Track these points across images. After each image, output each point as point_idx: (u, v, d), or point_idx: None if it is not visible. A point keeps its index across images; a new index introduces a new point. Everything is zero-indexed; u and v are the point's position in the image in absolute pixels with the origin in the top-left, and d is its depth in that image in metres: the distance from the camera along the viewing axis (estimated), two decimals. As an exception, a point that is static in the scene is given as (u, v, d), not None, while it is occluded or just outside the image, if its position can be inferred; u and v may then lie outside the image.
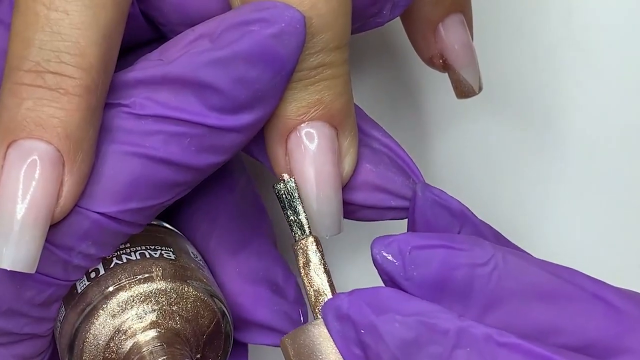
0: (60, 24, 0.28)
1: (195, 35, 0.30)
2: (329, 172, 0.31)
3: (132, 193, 0.29)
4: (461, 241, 0.28)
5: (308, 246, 0.30)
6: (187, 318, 0.32)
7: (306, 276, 0.30)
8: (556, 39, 0.45)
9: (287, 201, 0.31)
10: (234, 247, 0.35)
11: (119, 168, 0.29)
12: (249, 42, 0.29)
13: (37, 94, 0.28)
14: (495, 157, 0.46)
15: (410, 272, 0.27)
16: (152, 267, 0.32)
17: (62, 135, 0.28)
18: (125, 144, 0.29)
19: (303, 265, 0.30)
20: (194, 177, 0.30)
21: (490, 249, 0.28)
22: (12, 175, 0.28)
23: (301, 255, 0.30)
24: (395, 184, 0.33)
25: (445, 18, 0.37)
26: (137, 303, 0.31)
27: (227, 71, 0.29)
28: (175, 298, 0.32)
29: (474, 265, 0.27)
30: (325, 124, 0.31)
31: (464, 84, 0.37)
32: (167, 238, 0.34)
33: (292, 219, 0.31)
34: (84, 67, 0.28)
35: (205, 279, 0.33)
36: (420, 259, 0.27)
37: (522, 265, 0.28)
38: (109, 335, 0.31)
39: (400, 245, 0.28)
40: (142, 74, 0.29)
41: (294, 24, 0.29)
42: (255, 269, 0.35)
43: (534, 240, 0.43)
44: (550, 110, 0.46)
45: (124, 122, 0.29)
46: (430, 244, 0.28)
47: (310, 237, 0.30)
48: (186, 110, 0.29)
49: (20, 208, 0.28)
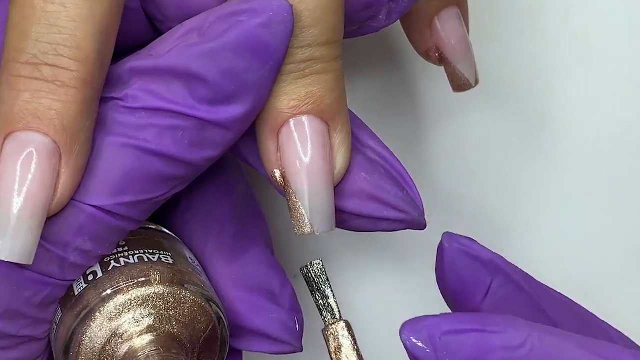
0: (57, 16, 0.28)
1: (185, 29, 0.30)
2: (320, 167, 0.31)
3: (126, 186, 0.30)
4: (494, 322, 0.27)
5: (339, 331, 0.30)
6: (183, 323, 0.32)
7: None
8: (554, 36, 0.45)
9: (316, 284, 0.31)
10: (231, 254, 0.35)
11: (112, 161, 0.30)
12: (236, 32, 0.29)
13: (34, 86, 0.28)
14: (492, 154, 0.46)
15: (443, 359, 0.27)
16: (150, 270, 0.32)
17: (58, 127, 0.28)
18: (119, 136, 0.30)
19: (335, 350, 0.30)
20: (187, 172, 0.31)
21: (526, 329, 0.27)
22: (9, 167, 0.28)
23: (332, 341, 0.30)
24: (389, 195, 0.32)
25: (441, 11, 0.37)
26: (134, 307, 0.31)
27: (216, 62, 0.29)
28: (172, 302, 0.32)
29: (509, 349, 0.26)
30: (317, 118, 0.31)
31: (460, 77, 0.37)
32: (165, 242, 0.34)
33: (321, 302, 0.31)
34: (81, 60, 0.28)
35: (202, 284, 0.33)
36: (453, 345, 0.27)
37: (560, 345, 0.27)
38: (105, 338, 0.31)
39: (430, 332, 0.27)
40: (133, 67, 0.30)
41: (282, 12, 0.29)
42: (251, 276, 0.35)
43: (530, 237, 0.43)
44: (547, 106, 0.46)
45: (117, 115, 0.30)
46: (462, 328, 0.27)
47: (341, 322, 0.30)
48: (178, 102, 0.29)
49: (17, 200, 0.28)
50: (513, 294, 0.31)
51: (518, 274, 0.32)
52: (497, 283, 0.31)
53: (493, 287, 0.31)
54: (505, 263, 0.32)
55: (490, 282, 0.31)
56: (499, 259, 0.32)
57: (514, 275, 0.32)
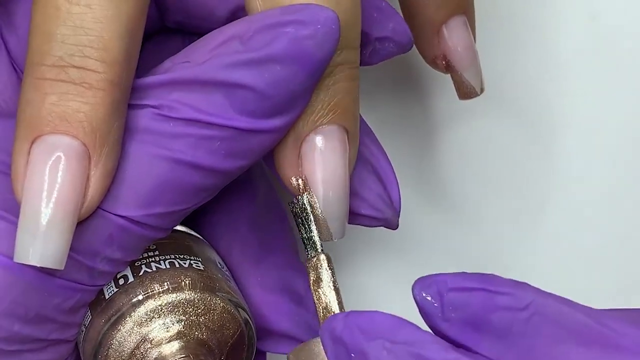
0: (83, 17, 0.28)
1: (225, 37, 0.29)
2: (340, 175, 0.31)
3: (157, 197, 0.29)
4: (501, 284, 0.27)
5: (320, 264, 0.31)
6: (212, 329, 0.32)
7: (316, 293, 0.31)
8: (560, 44, 0.45)
9: (301, 218, 0.31)
10: (256, 257, 0.35)
11: (145, 171, 0.29)
12: (284, 43, 0.28)
13: (61, 89, 0.28)
14: (498, 160, 0.46)
15: (448, 313, 0.27)
16: (182, 277, 0.32)
17: (87, 129, 0.28)
18: (153, 146, 0.29)
19: (314, 282, 0.31)
20: (220, 181, 0.30)
21: (532, 293, 0.27)
22: (38, 171, 0.28)
23: (312, 273, 0.31)
24: (370, 193, 0.33)
25: (448, 20, 0.36)
26: (164, 313, 0.31)
27: (262, 73, 0.29)
28: (202, 309, 0.32)
29: (514, 309, 0.27)
30: (340, 127, 0.31)
31: (466, 85, 0.37)
32: (194, 246, 0.34)
33: (305, 236, 0.31)
34: (108, 61, 0.28)
35: (231, 290, 0.33)
36: (459, 301, 0.27)
37: (564, 311, 0.27)
38: (134, 343, 0.31)
39: (439, 287, 0.27)
40: (170, 76, 0.29)
41: (329, 24, 0.29)
42: (277, 279, 0.35)
43: (536, 242, 0.43)
44: (552, 114, 0.46)
45: (152, 124, 0.29)
46: (469, 286, 0.27)
47: (322, 254, 0.31)
48: (217, 113, 0.29)
49: (48, 204, 0.27)
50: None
51: None
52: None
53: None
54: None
55: None
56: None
57: None
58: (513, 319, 0.27)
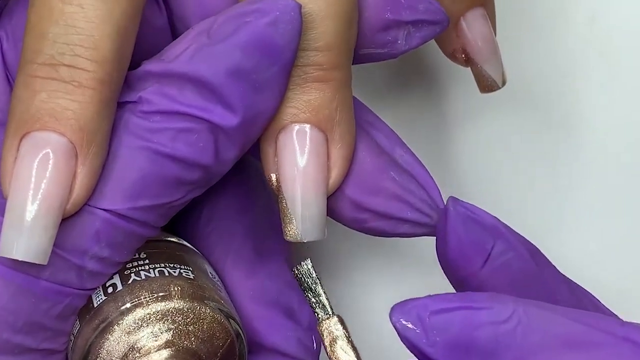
0: (75, 17, 0.28)
1: (195, 32, 0.30)
2: (314, 175, 0.31)
3: (141, 190, 0.30)
4: (480, 299, 0.27)
5: (332, 325, 0.31)
6: (202, 338, 0.31)
7: (333, 354, 0.31)
8: (580, 40, 0.45)
9: (307, 283, 0.31)
10: (250, 268, 0.35)
11: (127, 165, 0.30)
12: (244, 32, 0.29)
13: (51, 87, 0.28)
14: (517, 156, 0.45)
15: (433, 338, 0.27)
16: (171, 285, 0.32)
17: (75, 127, 0.28)
18: (134, 140, 0.30)
19: (330, 343, 0.31)
20: (203, 176, 0.31)
21: (511, 304, 0.27)
22: (26, 166, 0.28)
23: (327, 335, 0.31)
24: (415, 197, 0.32)
25: (467, 12, 0.36)
26: (153, 321, 0.31)
27: (225, 64, 0.29)
28: (192, 318, 0.31)
29: (496, 323, 0.27)
30: (314, 127, 0.31)
31: (487, 78, 0.37)
32: (186, 256, 0.34)
33: (313, 300, 0.31)
34: (98, 60, 0.28)
35: (222, 300, 0.33)
36: (441, 323, 0.27)
37: (546, 316, 0.27)
38: (122, 352, 0.31)
39: (418, 312, 0.27)
40: (146, 71, 0.30)
41: (289, 11, 0.29)
42: (269, 292, 0.35)
43: (554, 241, 0.43)
44: (572, 110, 0.45)
45: (132, 119, 0.30)
46: (449, 307, 0.27)
47: (334, 317, 0.31)
48: (190, 105, 0.29)
49: (33, 200, 0.28)
50: (514, 262, 0.32)
51: (521, 242, 0.32)
52: (498, 249, 0.31)
53: (493, 253, 0.31)
54: (509, 230, 0.32)
55: (491, 248, 0.31)
56: (503, 225, 0.32)
57: (516, 243, 0.32)
58: (497, 333, 0.27)
